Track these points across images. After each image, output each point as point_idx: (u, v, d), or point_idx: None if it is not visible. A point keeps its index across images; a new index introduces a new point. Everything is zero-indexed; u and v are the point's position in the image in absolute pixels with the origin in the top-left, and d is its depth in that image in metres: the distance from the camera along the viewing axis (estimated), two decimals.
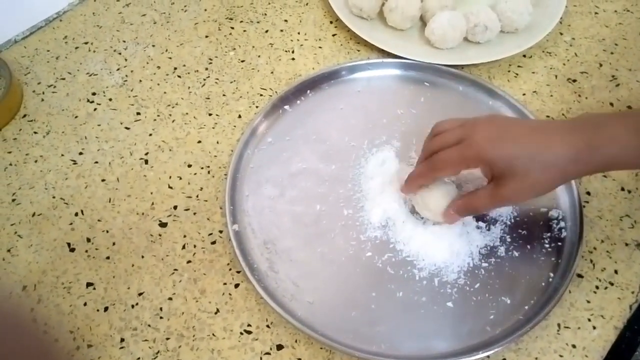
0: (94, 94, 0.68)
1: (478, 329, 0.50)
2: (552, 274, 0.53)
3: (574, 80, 0.67)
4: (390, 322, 0.51)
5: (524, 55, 0.70)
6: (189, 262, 0.55)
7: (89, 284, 0.54)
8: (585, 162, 0.45)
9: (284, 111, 0.64)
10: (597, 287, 0.53)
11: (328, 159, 0.61)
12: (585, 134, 0.45)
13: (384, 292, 0.52)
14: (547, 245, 0.54)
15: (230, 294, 0.54)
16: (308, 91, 0.66)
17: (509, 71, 0.69)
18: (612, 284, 0.53)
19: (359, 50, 0.71)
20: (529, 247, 0.54)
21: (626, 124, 0.45)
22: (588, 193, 0.58)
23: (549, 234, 0.55)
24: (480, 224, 0.55)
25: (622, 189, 0.59)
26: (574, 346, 0.50)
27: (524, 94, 0.66)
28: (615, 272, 0.54)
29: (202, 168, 0.62)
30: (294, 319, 0.50)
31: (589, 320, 0.51)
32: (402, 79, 0.67)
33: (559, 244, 0.54)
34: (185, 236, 0.57)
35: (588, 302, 0.52)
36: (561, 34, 0.72)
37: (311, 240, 0.56)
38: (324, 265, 0.54)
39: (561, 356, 0.49)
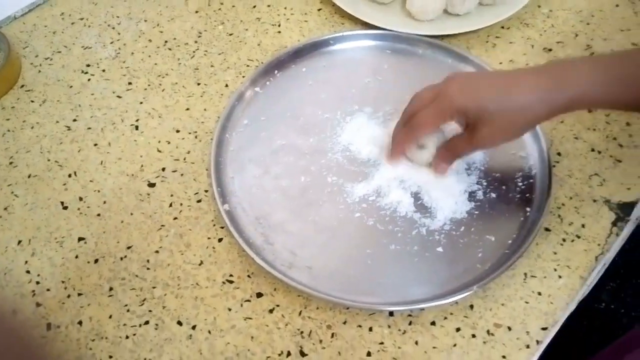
0: (88, 65, 0.71)
1: (470, 267, 0.53)
2: (528, 209, 0.56)
3: (550, 50, 0.70)
4: (388, 273, 0.54)
5: (502, 27, 0.72)
6: (175, 218, 0.58)
7: (80, 239, 0.57)
8: (553, 101, 0.48)
9: (255, 93, 0.66)
10: (564, 240, 0.55)
11: (305, 133, 0.63)
12: (553, 75, 0.48)
13: (378, 248, 0.55)
14: (520, 184, 0.58)
15: (214, 247, 0.56)
16: (275, 71, 0.68)
17: (487, 42, 0.71)
18: (579, 237, 0.55)
19: (343, 24, 0.74)
20: (504, 187, 0.58)
21: (592, 63, 0.48)
22: (559, 154, 0.61)
23: (520, 174, 0.58)
24: (459, 171, 0.58)
25: (593, 150, 0.61)
26: (539, 293, 0.52)
27: (500, 63, 0.69)
28: (583, 226, 0.56)
29: (189, 133, 0.65)
30: (272, 269, 0.52)
31: (555, 270, 0.53)
32: (382, 50, 0.70)
33: (531, 180, 0.58)
34: (172, 195, 0.60)
35: (555, 253, 0.54)
36: (539, 6, 0.74)
37: (302, 211, 0.58)
38: (318, 231, 0.56)
39: (527, 302, 0.52)
